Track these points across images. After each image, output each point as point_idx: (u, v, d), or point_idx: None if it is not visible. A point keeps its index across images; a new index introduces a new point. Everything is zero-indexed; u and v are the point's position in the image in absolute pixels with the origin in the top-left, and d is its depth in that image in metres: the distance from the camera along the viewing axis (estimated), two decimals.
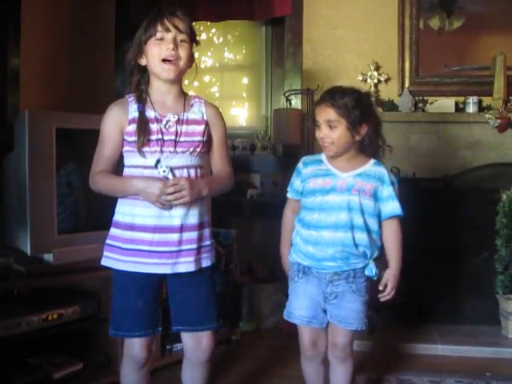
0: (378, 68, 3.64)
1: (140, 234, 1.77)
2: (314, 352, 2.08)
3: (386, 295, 2.00)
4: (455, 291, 3.22)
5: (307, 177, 2.01)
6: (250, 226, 3.83)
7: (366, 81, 3.62)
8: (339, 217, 1.94)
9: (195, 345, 1.91)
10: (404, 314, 3.21)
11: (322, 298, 2.00)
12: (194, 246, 1.82)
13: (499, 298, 3.15)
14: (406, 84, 3.63)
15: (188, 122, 1.82)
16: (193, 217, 1.80)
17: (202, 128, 1.84)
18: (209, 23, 4.05)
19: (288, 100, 3.78)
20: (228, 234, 3.22)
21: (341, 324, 2.00)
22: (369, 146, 1.98)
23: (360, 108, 1.91)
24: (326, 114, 1.92)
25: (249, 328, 3.31)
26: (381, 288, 2.00)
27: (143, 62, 1.81)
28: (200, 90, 4.18)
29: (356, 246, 1.95)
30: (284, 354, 2.97)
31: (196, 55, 1.90)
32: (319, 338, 2.07)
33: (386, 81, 3.65)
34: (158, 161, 1.74)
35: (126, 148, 1.80)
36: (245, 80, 4.18)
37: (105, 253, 1.84)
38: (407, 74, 3.64)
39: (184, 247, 1.80)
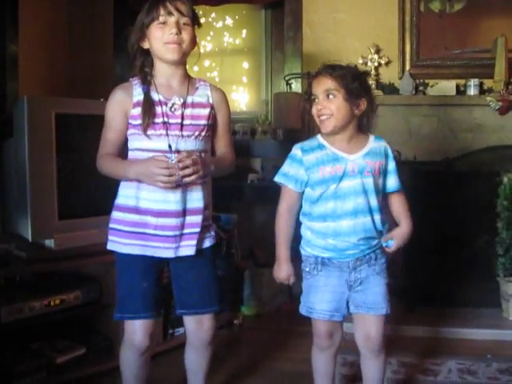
0: (378, 51, 3.61)
1: (144, 218, 1.78)
2: (329, 343, 2.00)
3: (388, 249, 1.95)
4: (456, 274, 3.22)
5: (312, 165, 1.87)
6: (250, 211, 3.83)
7: (366, 64, 3.59)
8: (357, 202, 1.85)
9: (197, 327, 1.93)
10: (405, 297, 3.22)
11: (346, 287, 1.91)
12: (197, 229, 1.83)
13: (500, 280, 3.15)
14: (407, 67, 3.60)
15: (193, 105, 1.82)
16: (196, 201, 1.82)
17: (207, 111, 1.84)
18: (208, 7, 4.02)
19: (288, 84, 3.76)
20: (229, 218, 3.22)
21: (370, 311, 1.92)
22: (366, 125, 1.91)
23: (359, 81, 1.87)
24: (325, 84, 1.86)
25: (250, 312, 3.33)
26: (383, 241, 1.94)
27: (146, 45, 1.81)
28: (200, 75, 4.11)
29: (376, 228, 1.89)
30: (285, 338, 2.99)
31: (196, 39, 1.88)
32: (336, 329, 1.99)
33: (387, 64, 3.62)
34: (170, 146, 1.75)
35: (130, 131, 1.80)
36: (245, 64, 4.16)
37: (110, 237, 1.85)
38: (408, 56, 3.61)
39: (186, 231, 1.81)
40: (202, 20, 1.95)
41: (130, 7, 3.86)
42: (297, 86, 3.77)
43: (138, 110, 1.76)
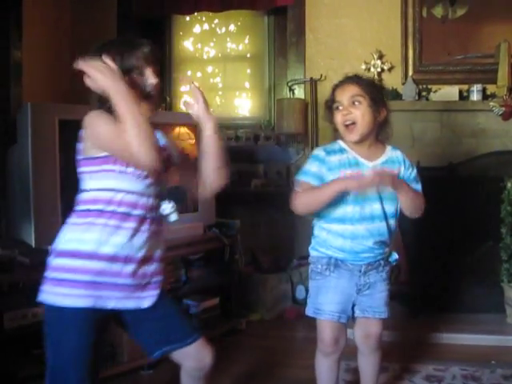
0: (381, 56, 3.61)
1: (105, 265, 1.58)
2: (334, 348, 2.03)
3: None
4: (460, 280, 3.22)
5: (334, 166, 1.91)
6: (254, 217, 3.83)
7: (369, 69, 3.59)
8: (373, 207, 1.91)
9: (195, 362, 1.77)
10: (408, 302, 3.21)
11: (354, 290, 1.98)
12: (159, 278, 1.70)
13: (504, 286, 3.14)
14: (410, 72, 3.60)
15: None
16: (159, 248, 1.70)
17: (168, 155, 1.80)
18: (211, 14, 4.03)
19: (291, 90, 3.78)
20: (232, 224, 3.22)
21: (375, 315, 2.01)
22: (383, 134, 1.98)
23: (380, 92, 1.96)
24: (351, 91, 1.90)
25: (253, 318, 3.32)
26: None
27: None
28: (203, 81, 4.17)
29: (389, 234, 1.95)
30: (288, 344, 2.99)
31: (199, 46, 1.87)
32: (341, 335, 2.03)
33: (390, 69, 3.62)
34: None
35: (102, 167, 1.60)
36: (248, 70, 4.17)
37: (56, 289, 1.57)
38: (411, 62, 3.61)
39: (152, 279, 1.68)
40: (205, 27, 1.91)
41: (133, 15, 3.90)
42: (300, 92, 3.78)
43: None
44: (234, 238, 3.19)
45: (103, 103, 1.60)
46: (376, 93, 1.92)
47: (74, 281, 1.56)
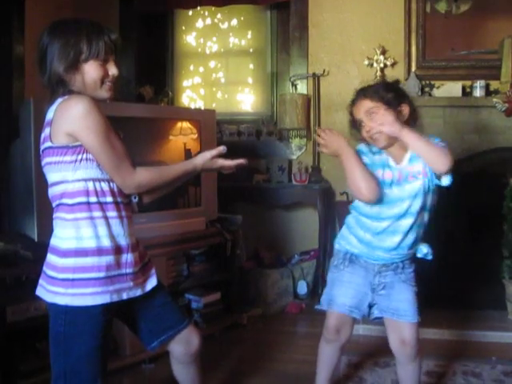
0: (384, 52, 3.61)
1: (112, 257, 1.59)
2: (335, 337, 2.09)
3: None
4: (461, 276, 3.22)
5: (371, 164, 1.93)
6: (256, 212, 3.83)
7: (372, 65, 3.59)
8: (402, 207, 1.90)
9: (186, 346, 1.81)
10: None
11: (369, 289, 2.00)
12: (147, 260, 1.76)
13: (506, 282, 3.14)
14: (413, 68, 3.60)
15: None
16: (134, 233, 1.71)
17: None
18: (214, 8, 4.03)
19: (294, 85, 3.77)
20: (234, 219, 3.22)
21: (394, 317, 1.99)
22: (415, 127, 1.94)
23: (392, 90, 1.93)
24: (363, 106, 1.92)
25: (255, 313, 3.33)
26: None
27: (67, 77, 1.62)
28: (205, 76, 4.17)
29: (415, 232, 1.95)
30: (290, 339, 2.99)
31: (201, 40, 1.86)
32: (344, 327, 2.08)
33: (393, 65, 3.62)
34: None
35: (83, 155, 1.55)
36: (250, 65, 4.16)
37: (70, 290, 1.54)
38: (414, 58, 3.60)
39: (143, 262, 1.73)
40: (208, 22, 1.90)
41: (136, 9, 3.89)
42: (302, 87, 3.77)
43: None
44: (236, 233, 3.19)
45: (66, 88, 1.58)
46: (388, 94, 1.90)
47: (88, 279, 1.55)
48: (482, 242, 3.30)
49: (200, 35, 4.17)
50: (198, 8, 3.95)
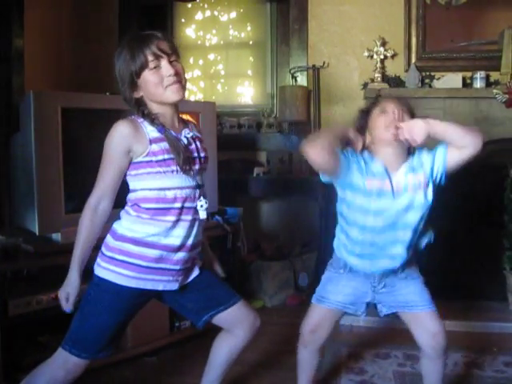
0: (384, 44, 3.59)
1: (162, 253, 1.72)
2: (310, 337, 2.08)
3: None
4: (462, 267, 3.22)
5: (362, 172, 1.88)
6: (256, 204, 3.84)
7: (372, 57, 3.58)
8: (399, 219, 1.87)
9: (243, 319, 1.94)
10: None
11: (369, 287, 1.98)
12: (199, 260, 1.89)
13: (506, 273, 3.15)
14: (413, 59, 3.59)
15: (196, 139, 1.82)
16: (198, 235, 1.81)
17: (204, 144, 1.86)
18: (213, 0, 4.02)
19: (294, 77, 3.76)
20: (235, 211, 3.22)
21: (406, 309, 1.98)
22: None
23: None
24: (395, 103, 1.96)
25: (256, 305, 3.33)
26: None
27: (139, 94, 1.73)
28: (205, 68, 4.16)
29: (412, 239, 1.91)
30: (290, 331, 2.98)
31: (201, 33, 1.87)
32: (321, 327, 2.05)
33: (393, 56, 3.61)
34: (198, 184, 1.78)
35: (142, 170, 1.68)
36: (250, 57, 4.15)
37: (116, 268, 1.70)
38: (414, 49, 3.59)
39: (194, 262, 1.85)
40: (207, 14, 1.92)
41: (136, 1, 3.88)
42: (302, 79, 3.77)
43: (159, 146, 1.67)
44: (237, 225, 3.19)
45: (140, 106, 1.73)
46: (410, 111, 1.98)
47: (131, 263, 1.68)
48: (482, 233, 3.30)
49: (199, 28, 4.16)
50: (198, 0, 3.94)
